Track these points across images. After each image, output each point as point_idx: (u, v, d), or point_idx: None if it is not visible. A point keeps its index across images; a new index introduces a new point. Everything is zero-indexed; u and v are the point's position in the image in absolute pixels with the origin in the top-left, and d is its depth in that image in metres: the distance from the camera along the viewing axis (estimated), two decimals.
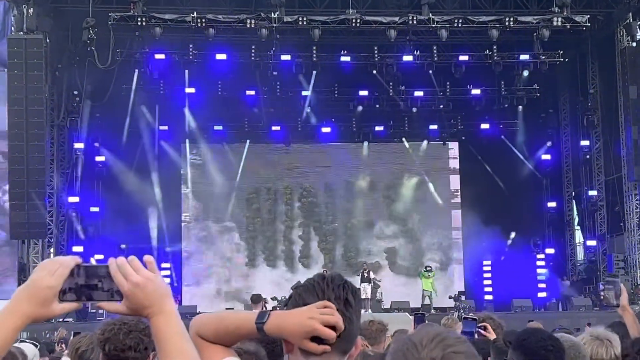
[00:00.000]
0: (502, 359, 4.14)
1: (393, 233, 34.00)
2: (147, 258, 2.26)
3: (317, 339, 2.51)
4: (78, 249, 29.36)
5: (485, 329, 5.67)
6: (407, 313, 23.82)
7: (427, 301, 28.88)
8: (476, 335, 5.59)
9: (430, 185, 34.23)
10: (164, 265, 30.93)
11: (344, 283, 2.68)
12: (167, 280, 30.57)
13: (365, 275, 27.96)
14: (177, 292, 31.65)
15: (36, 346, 6.32)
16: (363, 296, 27.15)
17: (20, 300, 2.14)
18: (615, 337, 4.58)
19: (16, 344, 5.75)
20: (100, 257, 29.26)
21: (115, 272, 2.21)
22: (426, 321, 7.26)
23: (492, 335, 5.37)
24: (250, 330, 2.65)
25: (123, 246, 30.56)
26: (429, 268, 30.12)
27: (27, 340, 6.38)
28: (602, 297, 5.79)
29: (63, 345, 13.54)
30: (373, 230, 33.92)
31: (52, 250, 28.08)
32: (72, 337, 7.47)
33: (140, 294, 2.19)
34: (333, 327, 2.50)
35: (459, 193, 34.34)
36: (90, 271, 2.21)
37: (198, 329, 2.73)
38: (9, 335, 2.14)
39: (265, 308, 18.89)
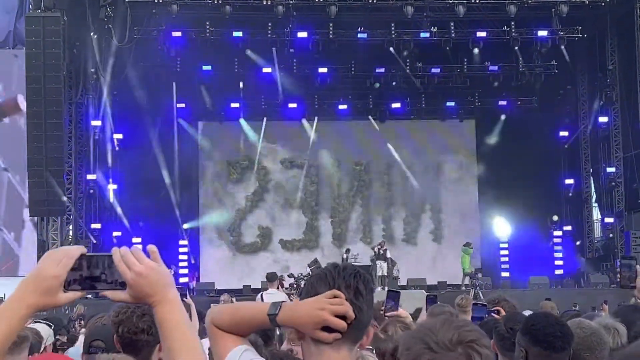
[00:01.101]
0: (504, 343, 4.14)
1: (410, 210, 34.03)
2: (150, 248, 2.30)
3: (328, 328, 2.56)
4: (96, 226, 29.53)
5: (498, 313, 5.67)
6: (423, 290, 23.82)
7: (467, 281, 28.39)
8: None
9: (447, 163, 34.21)
10: (181, 242, 31.09)
11: (355, 272, 2.73)
12: (185, 257, 30.74)
13: (382, 252, 28.00)
14: (195, 269, 31.82)
15: (50, 326, 6.38)
16: (379, 273, 27.27)
17: (26, 290, 2.18)
18: (622, 327, 4.59)
19: (30, 324, 5.81)
20: (118, 234, 29.58)
21: (118, 261, 2.24)
22: (438, 302, 7.27)
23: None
24: (263, 321, 2.73)
25: (141, 224, 30.77)
26: (470, 244, 29.84)
27: (41, 321, 6.44)
28: (618, 278, 5.75)
29: (82, 322, 13.68)
30: (391, 208, 33.96)
31: (70, 227, 28.26)
32: (89, 317, 7.56)
33: (143, 283, 2.23)
34: (343, 317, 2.56)
35: (476, 170, 34.28)
36: (95, 261, 2.25)
37: (213, 319, 2.82)
38: (15, 324, 2.18)
39: (282, 286, 18.99)
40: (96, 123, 29.83)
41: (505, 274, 31.08)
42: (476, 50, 29.97)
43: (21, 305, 2.17)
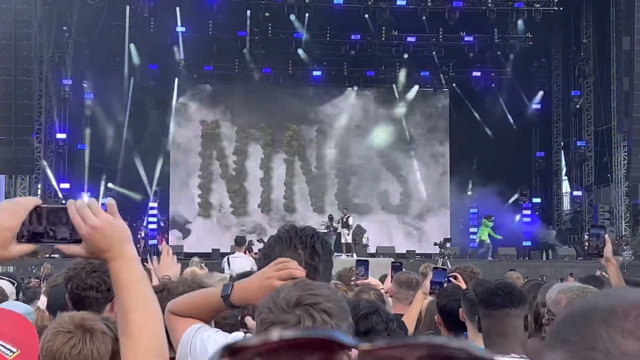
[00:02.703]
0: (473, 308, 4.14)
1: (384, 177, 34.06)
2: (108, 201, 2.23)
3: None
4: (65, 185, 29.34)
5: (455, 278, 5.65)
6: (392, 259, 23.89)
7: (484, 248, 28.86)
8: (445, 284, 5.59)
9: (419, 132, 34.24)
10: (151, 204, 30.94)
11: (313, 233, 2.75)
12: (154, 219, 30.62)
13: (345, 220, 28.08)
14: (163, 231, 31.70)
15: (13, 284, 6.30)
16: (343, 241, 27.40)
17: None
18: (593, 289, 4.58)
19: None
20: (87, 194, 29.37)
21: (73, 214, 2.17)
22: (403, 269, 7.26)
23: (462, 285, 5.35)
24: (219, 304, 2.75)
25: (110, 185, 30.59)
26: (490, 216, 29.96)
27: (4, 278, 6.36)
28: (586, 247, 5.71)
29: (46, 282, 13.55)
30: (364, 176, 33.97)
31: (39, 186, 28.04)
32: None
33: (98, 237, 2.15)
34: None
35: (448, 141, 34.33)
36: (50, 213, 2.17)
37: (171, 308, 2.85)
38: None
39: (251, 251, 18.93)
40: (67, 82, 29.49)
41: (473, 245, 31.25)
42: (452, 21, 29.84)
43: None
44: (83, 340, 2.99)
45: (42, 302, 5.73)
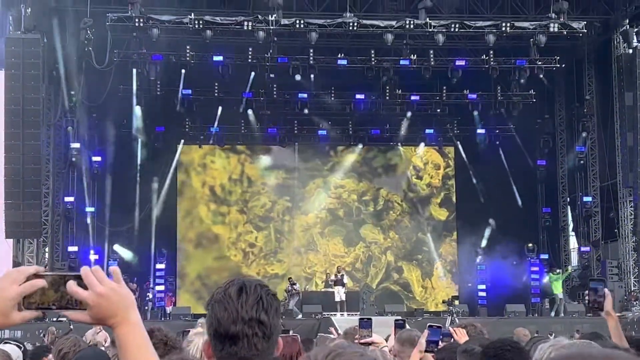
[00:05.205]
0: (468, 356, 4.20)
1: (384, 235, 34.17)
2: (113, 269, 2.31)
3: None
4: (73, 248, 29.39)
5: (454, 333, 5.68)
6: (398, 317, 23.82)
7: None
8: (441, 343, 5.61)
9: (426, 189, 34.38)
10: (159, 266, 30.94)
11: (257, 301, 2.76)
12: (161, 281, 30.61)
13: (339, 278, 28.18)
14: (171, 292, 31.63)
15: (20, 347, 6.36)
16: (337, 299, 27.44)
17: None
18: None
19: (1, 345, 5.80)
20: (95, 257, 29.45)
21: (86, 277, 2.23)
22: (407, 326, 7.28)
23: (463, 339, 5.37)
24: None
25: (116, 247, 30.68)
26: (554, 269, 30.22)
27: (11, 342, 6.41)
28: (587, 302, 5.71)
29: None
30: (365, 230, 34.09)
31: (47, 249, 28.09)
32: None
33: (104, 304, 2.21)
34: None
35: (455, 198, 34.43)
36: (55, 280, 2.24)
37: None
38: None
39: None
40: (75, 145, 29.74)
41: (482, 302, 31.09)
42: (455, 79, 30.09)
43: None
44: None
45: None
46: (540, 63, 29.20)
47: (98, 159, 30.91)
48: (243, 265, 33.09)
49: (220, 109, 31.62)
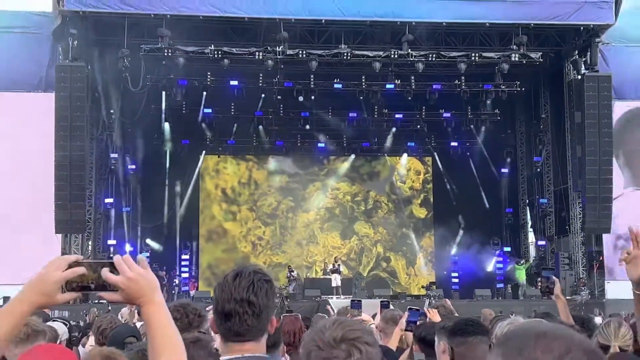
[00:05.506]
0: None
1: (374, 230, 34.17)
2: (140, 257, 2.33)
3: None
4: (111, 242, 29.38)
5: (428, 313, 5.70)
6: (383, 299, 23.83)
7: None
8: (418, 322, 5.62)
9: (408, 192, 34.41)
10: (184, 257, 30.96)
11: (249, 285, 2.75)
12: (186, 269, 30.63)
13: (336, 267, 28.42)
14: (194, 279, 31.63)
15: (66, 325, 6.35)
16: (334, 284, 27.58)
17: (30, 291, 2.20)
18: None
19: (49, 322, 5.79)
20: (130, 249, 29.45)
21: (119, 265, 2.25)
22: (391, 307, 7.28)
23: (436, 318, 5.39)
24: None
25: (148, 240, 30.73)
26: (518, 260, 30.38)
27: (58, 320, 6.41)
28: (539, 287, 5.81)
29: None
30: (358, 226, 34.07)
31: (90, 243, 28.07)
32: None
33: (133, 287, 2.24)
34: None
35: (432, 200, 34.48)
36: (92, 266, 2.26)
37: None
38: (18, 319, 2.20)
39: None
40: (114, 155, 29.78)
41: (455, 287, 31.10)
42: (432, 100, 30.09)
43: (24, 304, 2.20)
44: None
45: (91, 340, 5.77)
46: (503, 87, 29.18)
47: (133, 166, 30.95)
48: (252, 256, 33.10)
49: (235, 125, 31.72)
